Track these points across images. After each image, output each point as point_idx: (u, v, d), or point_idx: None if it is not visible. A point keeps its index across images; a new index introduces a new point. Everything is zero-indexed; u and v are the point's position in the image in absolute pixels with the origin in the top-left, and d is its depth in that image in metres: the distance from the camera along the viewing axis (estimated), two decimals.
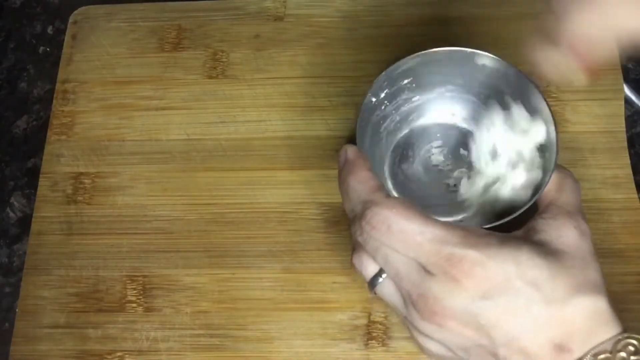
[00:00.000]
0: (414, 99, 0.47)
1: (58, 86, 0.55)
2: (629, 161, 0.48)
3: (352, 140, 0.42)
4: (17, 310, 0.49)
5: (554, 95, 0.50)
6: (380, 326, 0.46)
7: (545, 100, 0.41)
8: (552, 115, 0.41)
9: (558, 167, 0.40)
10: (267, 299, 0.47)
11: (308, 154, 0.51)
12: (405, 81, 0.45)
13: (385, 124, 0.47)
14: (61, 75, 0.55)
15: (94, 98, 0.54)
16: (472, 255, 0.32)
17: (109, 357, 0.46)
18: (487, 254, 0.33)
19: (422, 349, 0.37)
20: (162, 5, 0.57)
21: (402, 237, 0.34)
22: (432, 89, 0.46)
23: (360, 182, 0.37)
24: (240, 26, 0.55)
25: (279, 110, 0.52)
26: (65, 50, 0.56)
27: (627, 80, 0.53)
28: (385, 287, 0.36)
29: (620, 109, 0.50)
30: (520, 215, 0.39)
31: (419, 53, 0.43)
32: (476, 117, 0.46)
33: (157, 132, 0.52)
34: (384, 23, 0.54)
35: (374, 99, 0.44)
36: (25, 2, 0.63)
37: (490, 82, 0.44)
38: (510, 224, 0.39)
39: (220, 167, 0.51)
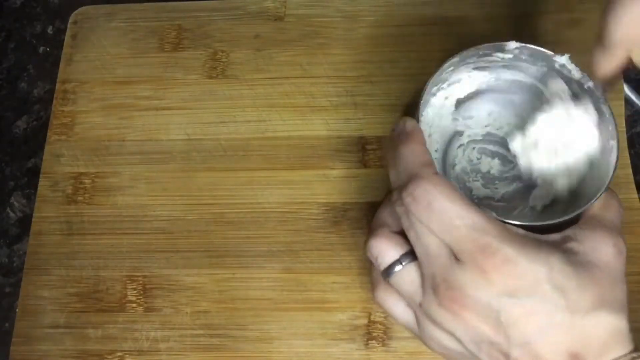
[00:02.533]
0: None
1: (58, 86, 0.55)
2: (629, 161, 0.48)
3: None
4: (17, 310, 0.49)
5: None
6: (380, 326, 0.46)
7: (612, 112, 0.39)
8: (616, 131, 0.39)
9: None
10: (267, 299, 0.47)
11: (308, 154, 0.51)
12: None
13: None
14: (61, 75, 0.55)
15: (94, 98, 0.54)
16: (506, 250, 0.32)
17: (109, 357, 0.46)
18: (521, 253, 0.32)
19: (427, 341, 0.36)
20: (162, 5, 0.57)
21: (440, 217, 0.33)
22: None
23: (413, 154, 0.35)
24: (240, 26, 0.55)
25: (279, 110, 0.52)
26: (65, 50, 0.56)
27: (627, 80, 0.53)
28: (405, 275, 0.35)
29: (620, 109, 0.50)
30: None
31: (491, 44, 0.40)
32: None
33: (157, 132, 0.52)
34: (384, 23, 0.54)
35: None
36: (25, 2, 0.63)
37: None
38: (549, 228, 0.37)
39: (220, 167, 0.51)
